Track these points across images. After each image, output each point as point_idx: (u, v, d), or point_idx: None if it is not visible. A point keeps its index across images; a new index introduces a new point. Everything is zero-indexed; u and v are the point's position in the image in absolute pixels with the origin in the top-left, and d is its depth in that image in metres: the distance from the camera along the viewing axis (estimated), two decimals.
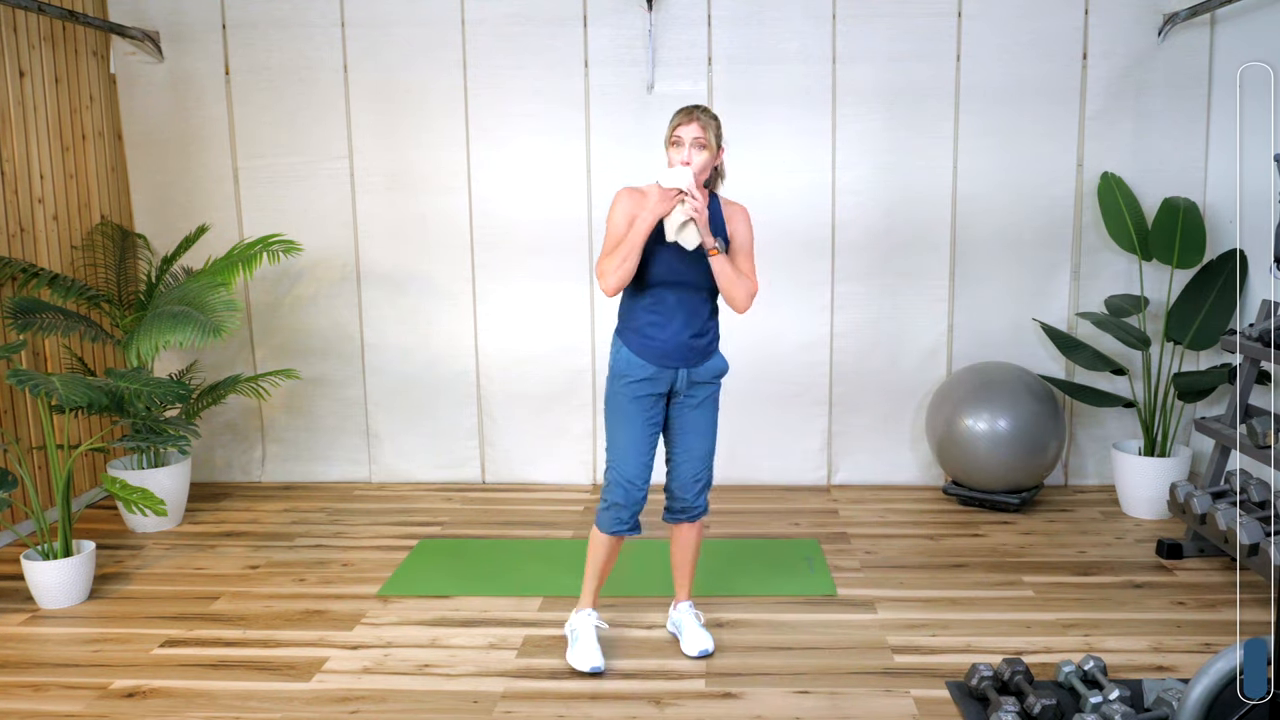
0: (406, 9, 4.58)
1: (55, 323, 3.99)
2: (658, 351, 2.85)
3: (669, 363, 2.86)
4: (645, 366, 2.86)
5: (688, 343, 2.86)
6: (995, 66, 4.50)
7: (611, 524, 2.96)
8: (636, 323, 2.88)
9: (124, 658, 3.10)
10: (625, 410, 2.89)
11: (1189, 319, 4.24)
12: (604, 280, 2.79)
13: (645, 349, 2.86)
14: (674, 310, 2.85)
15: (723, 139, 2.84)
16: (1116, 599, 3.46)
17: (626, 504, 2.92)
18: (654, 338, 2.85)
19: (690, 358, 2.88)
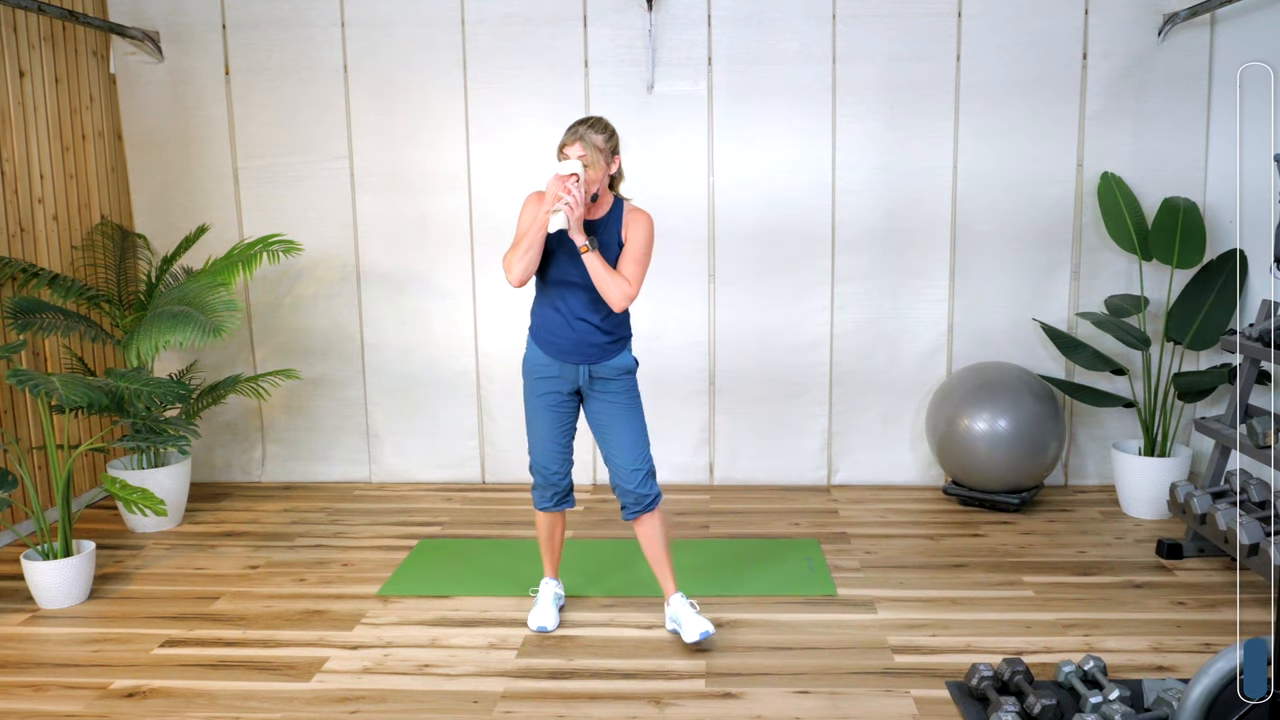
0: (406, 9, 4.59)
1: (55, 323, 3.99)
2: (558, 348, 3.05)
3: (569, 359, 3.05)
4: (550, 364, 3.07)
5: (586, 339, 3.03)
6: (995, 66, 4.50)
7: (539, 501, 3.24)
8: (541, 320, 3.09)
9: (124, 658, 3.10)
10: (533, 403, 3.13)
11: (1189, 319, 4.24)
12: (508, 273, 2.96)
13: (548, 345, 3.07)
14: (572, 309, 3.02)
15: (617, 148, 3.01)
16: (1116, 599, 3.46)
17: (545, 485, 3.19)
18: (556, 334, 3.05)
19: (589, 354, 3.04)
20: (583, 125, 2.95)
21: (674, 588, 3.20)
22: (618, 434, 3.10)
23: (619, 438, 3.10)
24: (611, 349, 3.10)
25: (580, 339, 3.04)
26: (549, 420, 3.13)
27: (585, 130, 2.93)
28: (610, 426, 3.11)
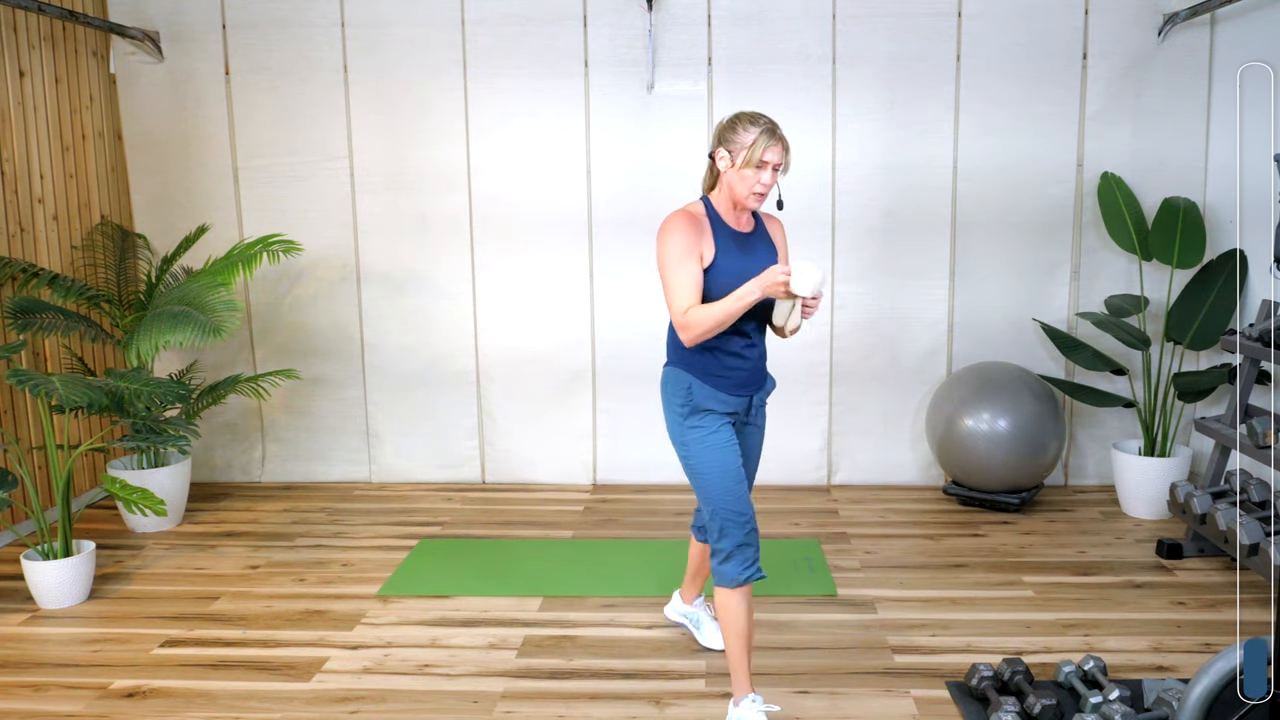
0: (406, 9, 4.58)
1: (55, 323, 4.00)
2: (733, 381, 2.65)
3: (744, 391, 2.68)
4: (726, 400, 2.64)
5: (757, 366, 2.70)
6: (995, 66, 4.50)
7: (742, 569, 2.58)
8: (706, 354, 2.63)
9: (124, 658, 3.10)
10: (712, 443, 2.61)
11: (1189, 319, 4.24)
12: (690, 333, 2.50)
13: (721, 380, 2.63)
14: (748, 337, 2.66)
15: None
16: (1116, 599, 3.46)
17: (751, 541, 2.60)
18: (731, 367, 2.63)
19: (760, 380, 2.73)
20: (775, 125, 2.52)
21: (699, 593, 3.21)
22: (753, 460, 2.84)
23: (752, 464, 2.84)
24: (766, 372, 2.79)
25: (754, 367, 2.69)
26: (735, 456, 2.63)
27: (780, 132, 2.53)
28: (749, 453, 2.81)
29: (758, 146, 2.47)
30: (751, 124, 2.51)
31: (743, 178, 2.51)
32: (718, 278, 2.54)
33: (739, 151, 2.50)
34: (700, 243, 2.54)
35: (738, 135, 2.51)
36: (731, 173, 2.53)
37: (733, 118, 2.56)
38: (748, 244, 2.63)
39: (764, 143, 2.47)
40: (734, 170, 2.52)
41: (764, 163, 2.48)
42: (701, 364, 2.62)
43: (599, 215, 4.67)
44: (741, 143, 2.50)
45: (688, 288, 2.50)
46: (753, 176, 2.49)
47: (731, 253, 2.58)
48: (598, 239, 4.69)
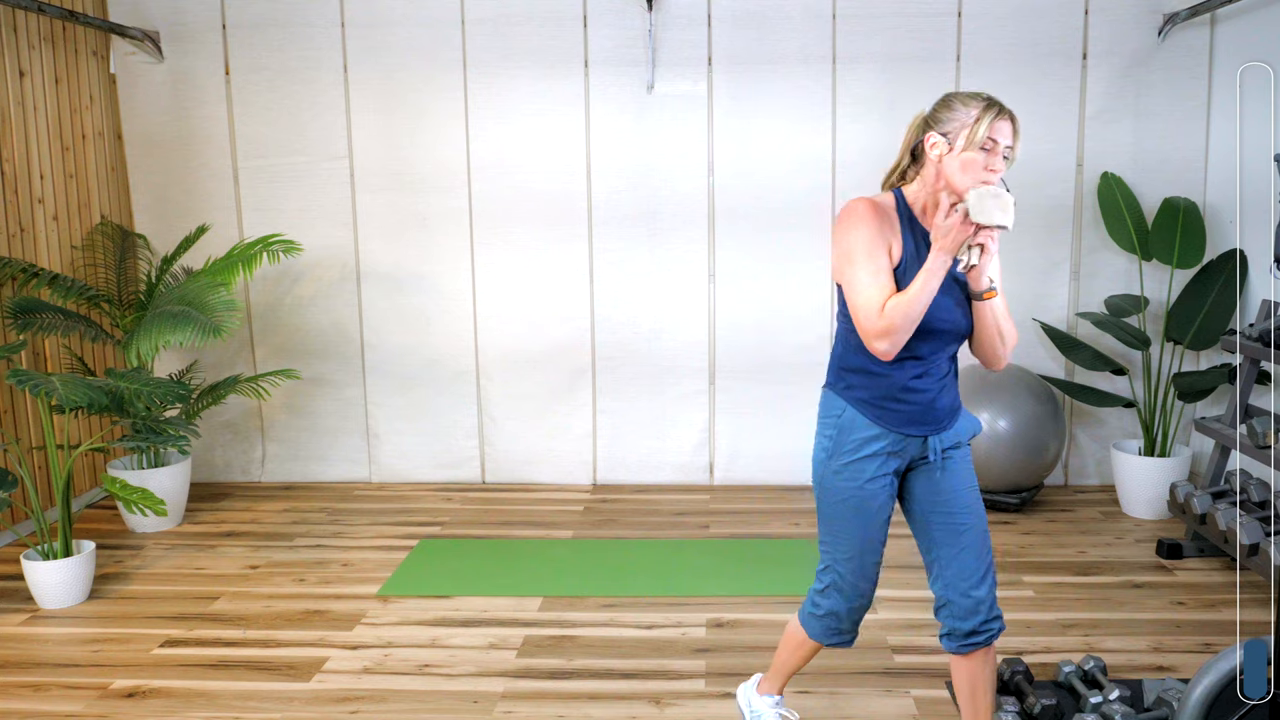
0: (406, 9, 4.58)
1: (55, 323, 4.00)
2: (902, 416, 2.17)
3: (915, 430, 2.18)
4: (880, 437, 2.17)
5: (939, 400, 2.20)
6: (995, 66, 4.50)
7: (825, 635, 2.36)
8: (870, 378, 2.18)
9: (124, 658, 3.10)
10: (852, 493, 2.20)
11: (1189, 319, 4.24)
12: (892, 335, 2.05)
13: (884, 414, 2.17)
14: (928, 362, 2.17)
15: None
16: (1116, 599, 3.46)
17: (847, 615, 2.32)
18: (900, 398, 2.16)
19: (941, 419, 2.21)
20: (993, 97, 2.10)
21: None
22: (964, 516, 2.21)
23: (962, 530, 2.20)
24: (958, 407, 2.26)
25: (930, 402, 2.18)
26: (876, 514, 2.21)
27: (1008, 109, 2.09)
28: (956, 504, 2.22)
29: (983, 123, 2.03)
30: (972, 100, 2.08)
31: (966, 164, 2.04)
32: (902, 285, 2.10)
33: (959, 131, 2.05)
34: (890, 231, 2.11)
35: (955, 114, 2.08)
36: (950, 160, 2.06)
37: (944, 98, 2.14)
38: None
39: (990, 119, 2.03)
40: (953, 156, 2.05)
41: (993, 142, 2.03)
42: (863, 388, 2.18)
43: (599, 215, 4.67)
44: (962, 120, 2.05)
45: (881, 284, 2.07)
46: (980, 161, 2.03)
47: (921, 258, 2.12)
48: (598, 239, 4.69)
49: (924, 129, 2.14)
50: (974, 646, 2.21)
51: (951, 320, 2.14)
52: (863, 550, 2.24)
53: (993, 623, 2.20)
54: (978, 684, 2.25)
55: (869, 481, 2.19)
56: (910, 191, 2.18)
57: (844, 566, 2.26)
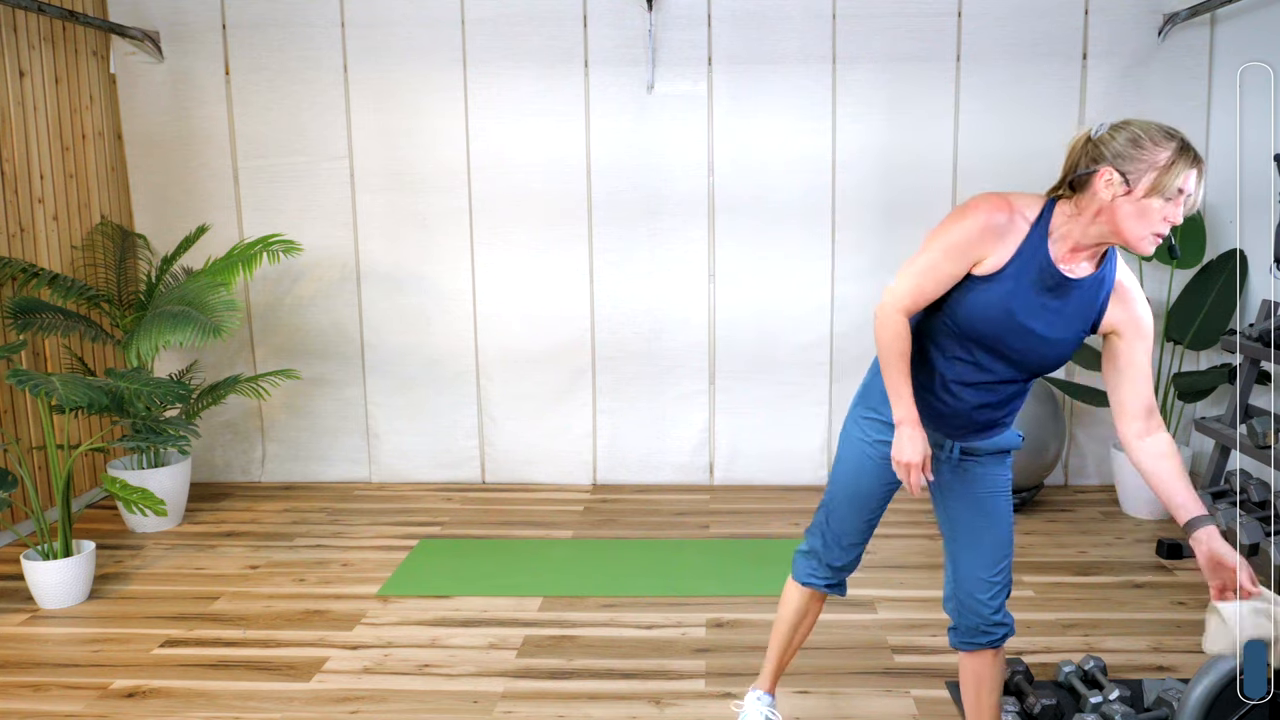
0: (406, 9, 4.58)
1: (55, 323, 4.00)
2: (932, 414, 2.12)
3: (940, 430, 2.15)
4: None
5: (972, 416, 2.10)
6: (995, 66, 4.50)
7: (806, 573, 2.38)
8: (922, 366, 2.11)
9: (124, 658, 3.10)
10: (859, 450, 2.21)
11: (1189, 319, 4.24)
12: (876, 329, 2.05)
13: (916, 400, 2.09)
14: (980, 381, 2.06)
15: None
16: (1116, 599, 3.46)
17: (825, 557, 2.34)
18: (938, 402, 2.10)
19: (972, 431, 2.13)
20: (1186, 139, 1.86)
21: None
22: (980, 521, 2.16)
23: (981, 533, 2.17)
24: (1000, 424, 2.15)
25: (965, 414, 2.11)
26: (871, 474, 2.22)
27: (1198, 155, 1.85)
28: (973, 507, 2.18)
29: (1176, 172, 1.81)
30: (1165, 140, 1.84)
31: (1144, 210, 1.83)
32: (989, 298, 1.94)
33: (1145, 173, 1.83)
34: (992, 247, 1.94)
35: (1144, 152, 1.83)
36: (1125, 202, 1.85)
37: (1129, 130, 1.88)
38: (1066, 290, 1.95)
39: (1184, 168, 1.81)
40: (1131, 200, 1.84)
41: (1181, 192, 1.82)
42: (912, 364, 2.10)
43: (599, 215, 4.67)
44: (1151, 162, 1.82)
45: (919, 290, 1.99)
46: (1159, 211, 1.83)
47: (1025, 283, 1.93)
48: (598, 239, 4.69)
49: (1095, 157, 1.91)
50: (976, 646, 2.21)
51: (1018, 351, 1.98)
52: (850, 500, 2.25)
53: (997, 628, 2.19)
54: (982, 684, 2.25)
55: (876, 443, 2.19)
56: (1063, 209, 1.96)
57: (834, 511, 2.29)
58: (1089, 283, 1.96)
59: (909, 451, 2.00)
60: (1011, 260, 1.93)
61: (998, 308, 1.94)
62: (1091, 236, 1.92)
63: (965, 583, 2.19)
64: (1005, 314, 1.94)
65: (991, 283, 1.94)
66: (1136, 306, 2.00)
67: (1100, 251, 1.97)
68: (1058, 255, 1.95)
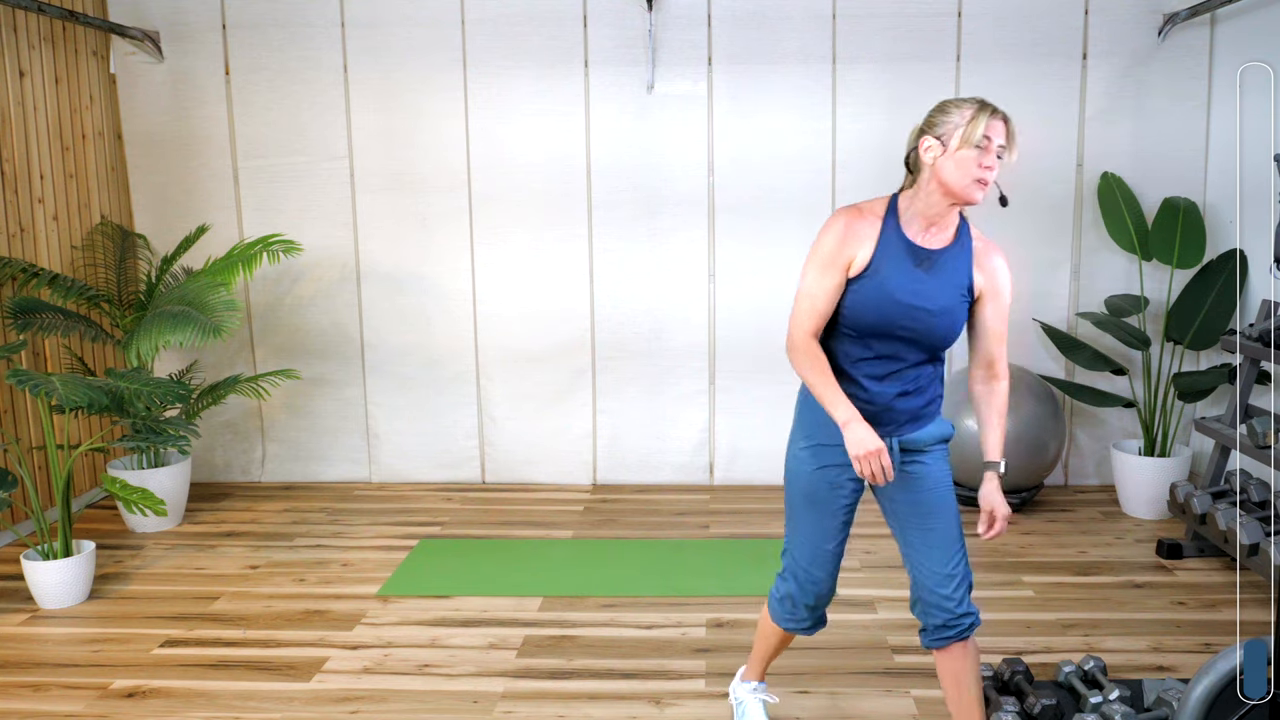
0: (406, 9, 4.58)
1: (55, 323, 4.00)
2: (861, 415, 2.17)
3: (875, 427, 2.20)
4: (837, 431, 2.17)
5: (898, 405, 2.22)
6: (995, 66, 4.50)
7: (785, 619, 2.41)
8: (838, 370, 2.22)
9: (124, 658, 3.10)
10: (809, 481, 2.27)
11: (1189, 319, 4.24)
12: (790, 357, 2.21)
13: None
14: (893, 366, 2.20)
15: None
16: (1116, 599, 3.46)
17: (803, 599, 2.36)
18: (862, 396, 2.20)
19: (900, 423, 2.23)
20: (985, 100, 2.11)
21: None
22: (934, 519, 2.23)
23: (934, 525, 2.23)
24: (926, 413, 2.27)
25: (886, 406, 2.21)
26: (830, 504, 2.27)
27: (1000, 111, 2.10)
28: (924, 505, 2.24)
29: (978, 123, 2.06)
30: (965, 103, 2.11)
31: (961, 162, 2.07)
32: (868, 291, 2.13)
33: (953, 132, 2.08)
34: (856, 248, 2.14)
35: (949, 116, 2.10)
36: (944, 160, 2.08)
37: (939, 104, 2.16)
38: (931, 262, 2.15)
39: (984, 119, 2.06)
40: (948, 156, 2.08)
41: (987, 140, 2.06)
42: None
43: (599, 215, 4.67)
44: (955, 122, 2.08)
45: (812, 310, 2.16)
46: (973, 158, 2.05)
47: (900, 264, 2.13)
48: (598, 239, 4.69)
49: (919, 136, 2.16)
50: (946, 641, 2.24)
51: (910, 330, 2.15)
52: (814, 537, 2.29)
53: (963, 619, 2.22)
54: (960, 678, 2.27)
55: (821, 469, 2.26)
56: (905, 196, 2.20)
57: (798, 550, 2.33)
58: (952, 251, 2.19)
59: (866, 443, 2.08)
60: (876, 252, 2.14)
61: (878, 295, 2.13)
62: (934, 205, 2.14)
63: (926, 581, 2.24)
64: (887, 300, 2.12)
65: (866, 278, 2.14)
66: (998, 276, 2.25)
67: (952, 222, 2.20)
68: (915, 234, 2.17)
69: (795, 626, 2.41)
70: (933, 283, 2.15)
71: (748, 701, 2.63)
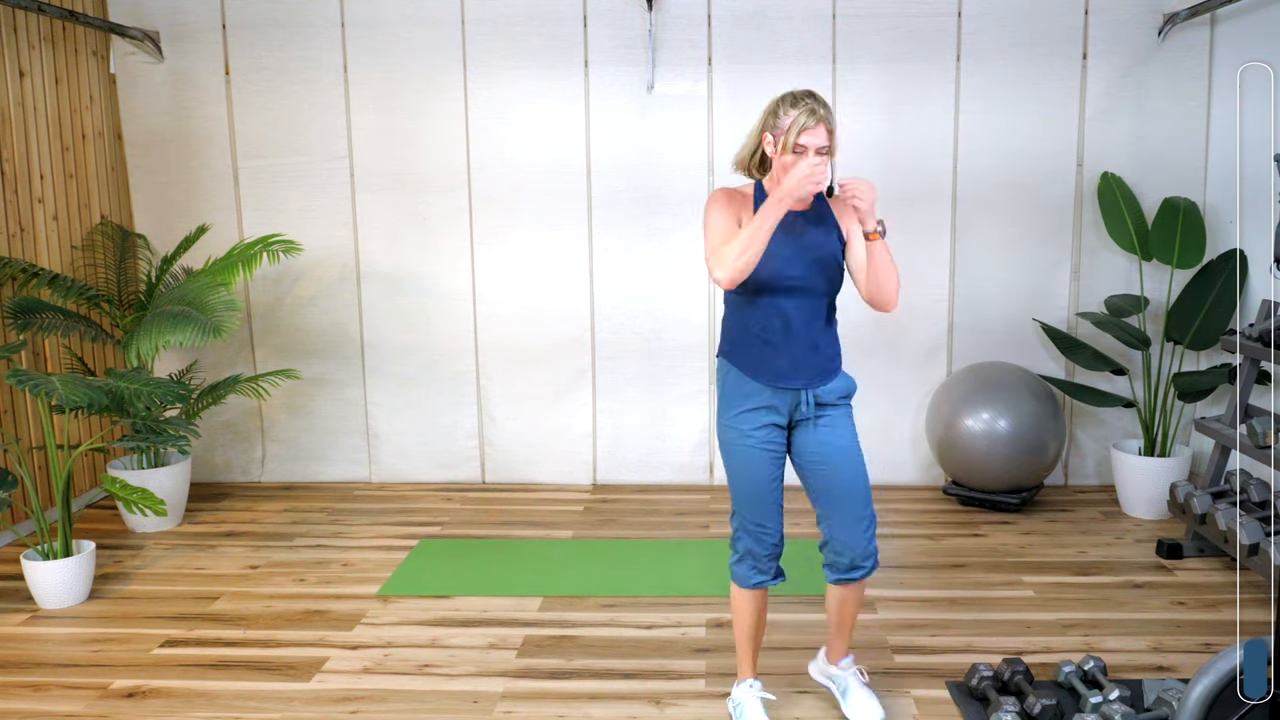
0: (406, 9, 4.58)
1: (55, 323, 4.00)
2: (774, 370, 2.45)
3: (788, 383, 2.46)
4: (761, 392, 2.46)
5: (810, 356, 2.46)
6: (995, 66, 4.50)
7: (749, 575, 2.55)
8: (745, 336, 2.49)
9: (124, 658, 3.10)
10: (742, 445, 2.48)
11: (1189, 319, 4.24)
12: (720, 269, 2.33)
13: (759, 368, 2.46)
14: (792, 318, 2.44)
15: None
16: (1116, 599, 3.46)
17: (761, 550, 2.53)
18: (772, 352, 2.45)
19: (814, 375, 2.47)
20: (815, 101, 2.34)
21: (846, 651, 2.74)
22: (843, 471, 2.49)
23: (843, 476, 2.49)
24: (834, 366, 2.52)
25: (803, 356, 2.45)
26: (765, 464, 2.48)
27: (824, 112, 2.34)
28: (834, 460, 2.50)
29: (791, 133, 2.31)
30: (792, 105, 2.33)
31: (784, 166, 2.34)
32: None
33: (781, 136, 2.33)
34: (740, 209, 2.45)
35: (779, 119, 2.35)
36: (777, 159, 2.37)
37: (776, 98, 2.38)
38: (795, 225, 2.44)
39: (800, 125, 2.30)
40: (778, 157, 2.36)
41: (801, 148, 2.31)
42: (741, 350, 2.49)
43: (599, 215, 4.67)
44: (783, 126, 2.33)
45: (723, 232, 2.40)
46: (792, 163, 2.32)
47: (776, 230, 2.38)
48: (598, 239, 4.69)
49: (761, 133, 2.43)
50: (852, 579, 2.56)
51: (797, 278, 2.43)
52: (756, 495, 2.50)
53: (867, 561, 2.53)
54: (846, 605, 2.64)
55: (751, 432, 2.48)
56: (767, 182, 2.50)
57: (746, 509, 2.53)
58: (816, 209, 2.50)
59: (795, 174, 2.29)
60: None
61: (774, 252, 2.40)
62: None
63: (839, 528, 2.51)
64: (771, 256, 2.39)
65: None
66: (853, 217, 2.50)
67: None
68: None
69: (762, 579, 2.56)
70: (807, 233, 2.46)
71: (745, 702, 2.65)
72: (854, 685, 2.71)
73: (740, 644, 2.67)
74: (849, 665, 2.75)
